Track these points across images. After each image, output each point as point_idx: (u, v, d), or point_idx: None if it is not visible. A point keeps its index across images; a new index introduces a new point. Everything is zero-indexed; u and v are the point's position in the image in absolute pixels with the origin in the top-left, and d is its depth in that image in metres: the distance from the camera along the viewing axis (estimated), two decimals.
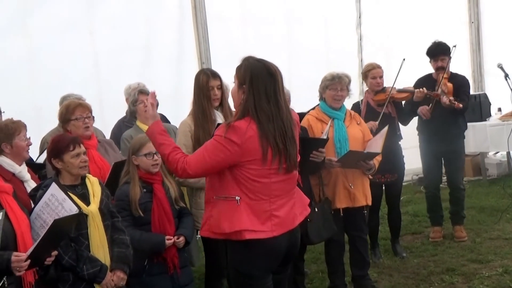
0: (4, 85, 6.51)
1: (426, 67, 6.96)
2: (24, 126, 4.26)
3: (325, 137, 5.04)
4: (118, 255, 4.02)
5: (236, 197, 3.44)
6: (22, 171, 4.21)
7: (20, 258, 3.30)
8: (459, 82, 6.83)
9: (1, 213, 3.24)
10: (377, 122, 6.04)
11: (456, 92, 6.68)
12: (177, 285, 4.39)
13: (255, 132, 3.38)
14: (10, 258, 3.27)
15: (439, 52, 6.75)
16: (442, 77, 6.63)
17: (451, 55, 6.76)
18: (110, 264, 3.96)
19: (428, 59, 6.87)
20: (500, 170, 10.21)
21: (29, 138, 4.32)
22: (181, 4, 8.07)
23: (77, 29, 7.28)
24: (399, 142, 6.54)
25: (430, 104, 6.59)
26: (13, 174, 4.15)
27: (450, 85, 6.68)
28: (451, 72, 6.88)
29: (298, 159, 3.64)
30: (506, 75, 7.13)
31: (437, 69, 6.74)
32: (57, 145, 3.94)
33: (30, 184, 4.15)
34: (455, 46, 6.85)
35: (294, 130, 3.57)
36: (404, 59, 6.35)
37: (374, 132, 5.78)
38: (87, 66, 7.28)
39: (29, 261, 3.33)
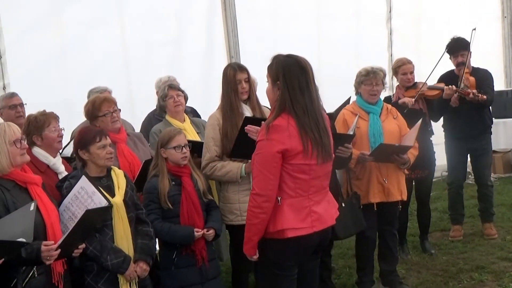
0: (37, 79, 6.54)
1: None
2: (55, 118, 4.30)
3: (351, 133, 5.01)
4: (142, 247, 4.07)
5: (278, 197, 3.45)
6: (56, 163, 4.26)
7: (50, 247, 3.33)
8: (481, 76, 6.72)
9: (33, 203, 3.27)
10: (413, 99, 5.99)
11: (479, 86, 6.57)
12: (205, 278, 4.39)
13: (295, 127, 3.40)
14: (40, 248, 3.30)
15: (458, 47, 6.65)
16: (463, 72, 6.53)
17: (470, 45, 6.59)
18: (134, 255, 4.00)
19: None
20: None
21: (62, 129, 4.36)
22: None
23: (108, 24, 7.31)
24: (430, 139, 6.47)
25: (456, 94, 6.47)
26: (48, 166, 4.20)
27: (472, 79, 6.60)
28: (472, 67, 6.79)
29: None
30: None
31: (458, 64, 6.65)
32: (84, 137, 4.00)
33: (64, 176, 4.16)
34: (474, 29, 6.56)
35: (326, 122, 3.58)
36: (440, 58, 6.23)
37: (407, 111, 5.77)
38: (118, 60, 7.30)
39: (59, 250, 3.36)
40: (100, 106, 4.66)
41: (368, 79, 5.32)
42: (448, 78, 6.70)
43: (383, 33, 9.56)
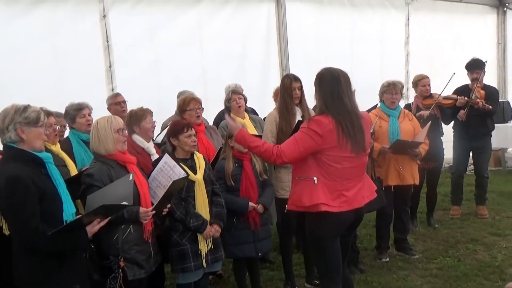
0: (137, 85, 6.57)
1: (460, 78, 6.63)
2: (150, 113, 4.32)
3: (371, 131, 4.90)
4: (216, 213, 4.06)
5: (314, 177, 3.34)
6: (149, 147, 4.28)
7: (146, 210, 3.39)
8: (490, 91, 6.58)
9: (131, 175, 3.28)
10: (428, 112, 5.89)
11: (487, 99, 6.42)
12: (257, 238, 4.36)
13: (334, 125, 3.27)
14: (138, 211, 3.35)
15: (474, 66, 6.50)
16: (476, 86, 6.37)
17: (485, 67, 6.49)
18: (210, 219, 4.00)
19: (463, 71, 6.58)
20: None
21: (155, 121, 4.38)
22: (268, 25, 7.99)
23: (190, 43, 7.32)
24: (441, 138, 6.32)
25: (466, 109, 6.34)
26: (143, 149, 4.22)
27: (482, 92, 6.45)
28: (484, 84, 6.60)
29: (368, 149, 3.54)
30: None
31: (473, 80, 6.49)
32: (175, 127, 4.02)
33: (155, 157, 4.19)
34: (486, 61, 6.57)
35: (363, 122, 3.43)
36: (454, 73, 6.05)
37: (423, 120, 5.67)
38: (197, 71, 7.30)
39: (154, 211, 3.41)
40: (189, 103, 4.69)
41: (390, 89, 5.28)
42: (462, 90, 6.52)
43: (401, 55, 9.39)
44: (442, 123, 6.42)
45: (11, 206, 2.69)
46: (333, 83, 3.33)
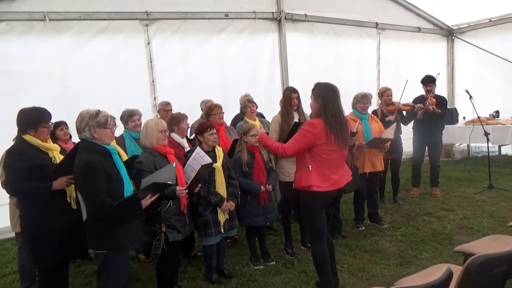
0: (172, 95, 6.47)
1: (417, 90, 6.67)
2: (186, 117, 4.35)
3: (354, 130, 4.92)
4: (231, 192, 4.09)
5: (309, 166, 3.42)
6: (183, 142, 4.30)
7: (181, 188, 3.43)
8: (440, 99, 6.57)
9: (175, 163, 3.34)
10: (394, 116, 5.93)
11: (438, 105, 6.42)
12: (265, 211, 4.39)
13: (323, 126, 3.34)
14: (175, 189, 3.39)
15: (428, 81, 6.48)
16: (429, 95, 6.38)
17: (436, 81, 6.50)
18: (226, 196, 4.03)
19: (420, 85, 6.60)
20: (462, 155, 9.89)
21: (189, 124, 4.41)
22: (273, 49, 7.96)
23: (214, 63, 7.33)
24: (400, 135, 6.32)
25: (422, 112, 6.36)
26: (179, 143, 4.24)
27: (434, 100, 6.44)
28: (435, 94, 6.58)
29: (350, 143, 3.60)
30: (470, 97, 6.87)
31: (427, 91, 6.47)
32: (201, 128, 4.05)
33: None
34: (439, 73, 6.62)
35: (348, 123, 3.51)
36: (406, 81, 6.10)
37: (391, 123, 5.69)
38: (219, 84, 7.31)
39: (187, 190, 3.45)
40: (213, 109, 4.75)
41: (363, 100, 5.27)
42: (419, 99, 6.55)
43: (374, 72, 9.35)
44: (402, 124, 6.43)
45: (86, 184, 2.77)
46: (333, 93, 3.42)
